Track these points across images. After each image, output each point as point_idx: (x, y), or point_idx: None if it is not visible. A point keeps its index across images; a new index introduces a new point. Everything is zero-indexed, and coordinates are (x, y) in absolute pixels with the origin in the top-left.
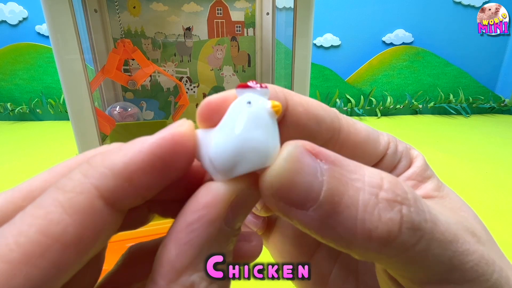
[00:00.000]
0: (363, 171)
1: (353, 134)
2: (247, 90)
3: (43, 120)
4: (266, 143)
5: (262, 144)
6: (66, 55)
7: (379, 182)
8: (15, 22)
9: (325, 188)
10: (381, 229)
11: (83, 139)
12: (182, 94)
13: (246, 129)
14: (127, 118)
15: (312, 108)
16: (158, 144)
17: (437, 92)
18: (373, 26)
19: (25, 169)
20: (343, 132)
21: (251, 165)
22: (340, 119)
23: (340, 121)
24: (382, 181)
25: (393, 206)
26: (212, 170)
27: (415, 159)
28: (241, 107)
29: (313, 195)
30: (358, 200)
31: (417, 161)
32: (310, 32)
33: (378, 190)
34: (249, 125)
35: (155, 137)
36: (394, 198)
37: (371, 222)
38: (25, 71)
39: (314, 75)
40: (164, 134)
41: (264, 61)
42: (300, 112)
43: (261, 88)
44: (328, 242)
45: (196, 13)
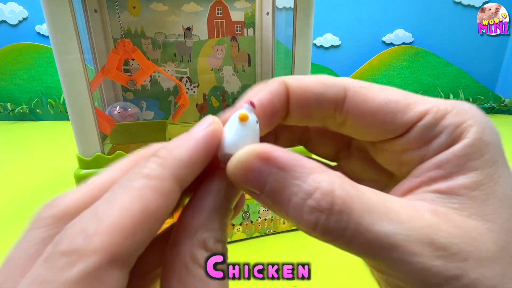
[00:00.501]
0: (307, 177)
1: (362, 103)
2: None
3: (43, 120)
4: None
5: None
6: (66, 55)
7: (311, 191)
8: (15, 22)
9: (267, 186)
10: (302, 224)
11: (83, 139)
12: (182, 94)
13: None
14: (127, 118)
15: (310, 88)
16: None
17: (437, 92)
18: (373, 26)
19: (25, 169)
20: (349, 102)
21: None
22: (348, 89)
23: (347, 92)
24: (316, 190)
25: (313, 212)
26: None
27: (461, 141)
28: (234, 120)
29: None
30: (290, 200)
31: (458, 145)
32: (310, 32)
33: (307, 197)
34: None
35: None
36: (316, 207)
37: (297, 216)
38: (25, 71)
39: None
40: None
41: (264, 61)
42: (299, 94)
43: (248, 105)
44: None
45: (196, 13)
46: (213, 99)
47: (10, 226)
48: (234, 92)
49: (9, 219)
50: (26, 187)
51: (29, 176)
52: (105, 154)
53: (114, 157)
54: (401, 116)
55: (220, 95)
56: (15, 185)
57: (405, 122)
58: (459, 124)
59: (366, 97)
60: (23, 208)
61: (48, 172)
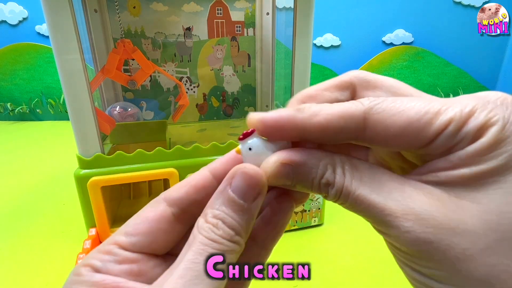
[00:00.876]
0: (318, 164)
1: (384, 131)
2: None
3: (43, 120)
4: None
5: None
6: (66, 55)
7: (323, 173)
8: (15, 22)
9: (294, 179)
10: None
11: (83, 139)
12: (182, 94)
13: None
14: (127, 118)
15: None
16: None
17: (437, 92)
18: (373, 26)
19: (25, 169)
20: (370, 132)
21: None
22: (367, 118)
23: (366, 121)
24: (325, 172)
25: (326, 186)
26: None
27: (477, 141)
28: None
29: (289, 182)
30: (313, 183)
31: (472, 145)
32: (310, 32)
33: (321, 177)
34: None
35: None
36: (326, 182)
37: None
38: (25, 71)
39: (314, 75)
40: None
41: (264, 61)
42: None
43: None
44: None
45: (196, 13)
46: (213, 99)
47: (10, 226)
48: (234, 92)
49: (9, 219)
50: (26, 187)
51: (29, 176)
52: (105, 154)
53: (114, 157)
54: (425, 133)
55: (220, 95)
56: (15, 185)
57: (429, 136)
58: (480, 126)
59: (386, 123)
60: (23, 208)
61: (48, 172)
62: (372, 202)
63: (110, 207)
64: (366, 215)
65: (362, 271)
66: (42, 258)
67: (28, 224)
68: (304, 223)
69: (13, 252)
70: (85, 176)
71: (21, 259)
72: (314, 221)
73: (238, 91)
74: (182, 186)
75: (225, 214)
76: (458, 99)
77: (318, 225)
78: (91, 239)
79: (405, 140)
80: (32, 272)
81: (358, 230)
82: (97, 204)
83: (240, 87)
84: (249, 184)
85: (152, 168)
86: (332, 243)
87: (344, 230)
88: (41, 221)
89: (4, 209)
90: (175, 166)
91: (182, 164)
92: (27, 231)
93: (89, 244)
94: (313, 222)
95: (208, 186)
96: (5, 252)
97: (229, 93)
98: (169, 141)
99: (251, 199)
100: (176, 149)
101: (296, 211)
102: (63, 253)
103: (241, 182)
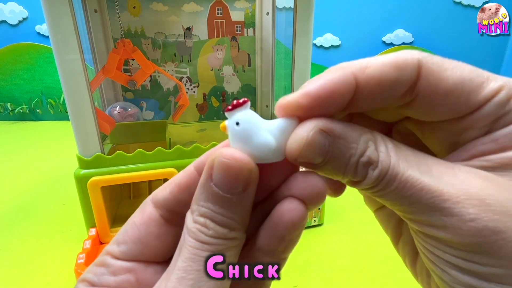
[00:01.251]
0: (359, 139)
1: (435, 85)
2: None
3: (43, 120)
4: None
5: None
6: (66, 55)
7: (364, 150)
8: (15, 22)
9: (329, 154)
10: (357, 177)
11: (83, 139)
12: (182, 94)
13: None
14: (127, 118)
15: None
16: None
17: None
18: (373, 26)
19: (25, 169)
20: (422, 83)
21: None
22: (421, 68)
23: (420, 71)
24: (366, 149)
25: (366, 165)
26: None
27: None
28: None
29: (323, 157)
30: (350, 160)
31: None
32: (310, 32)
33: (361, 155)
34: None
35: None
36: (368, 161)
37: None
38: (25, 71)
39: (314, 75)
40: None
41: (264, 61)
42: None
43: (242, 105)
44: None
45: (196, 13)
46: (213, 99)
47: (10, 226)
48: (234, 92)
49: (9, 219)
50: (26, 187)
51: (29, 176)
52: (105, 154)
53: (114, 157)
54: (476, 95)
55: (220, 95)
56: (15, 185)
57: (479, 100)
58: None
59: (439, 76)
60: (23, 208)
61: (48, 172)
62: (425, 185)
63: (110, 207)
64: (412, 203)
65: (362, 271)
66: (42, 258)
67: (28, 224)
68: None
69: (13, 252)
70: (85, 176)
71: (21, 259)
72: (314, 221)
73: (238, 91)
74: (167, 185)
75: (212, 212)
76: (505, 77)
77: (318, 225)
78: (91, 239)
79: (455, 101)
80: (32, 272)
81: (358, 230)
82: (97, 204)
83: (240, 87)
84: (231, 175)
85: (152, 168)
86: (332, 243)
87: (344, 230)
88: (41, 221)
89: (4, 209)
90: (175, 166)
91: (182, 164)
92: (27, 231)
93: (89, 244)
94: (313, 222)
95: (192, 185)
96: (5, 252)
97: (229, 93)
98: (169, 141)
99: (239, 191)
100: (176, 149)
101: None
102: (63, 253)
103: (221, 174)
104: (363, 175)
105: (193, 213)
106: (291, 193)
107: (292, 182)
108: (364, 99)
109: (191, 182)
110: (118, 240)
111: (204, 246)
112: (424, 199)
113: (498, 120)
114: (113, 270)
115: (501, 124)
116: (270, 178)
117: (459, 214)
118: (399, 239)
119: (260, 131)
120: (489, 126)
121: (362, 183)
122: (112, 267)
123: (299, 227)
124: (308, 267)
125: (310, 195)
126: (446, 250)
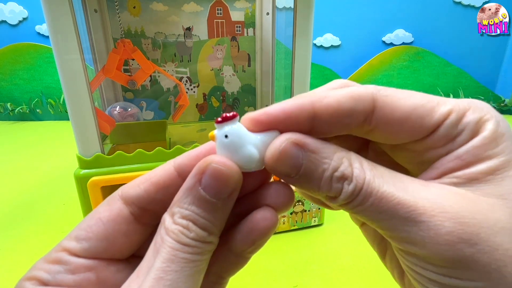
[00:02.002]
0: (333, 155)
1: (390, 113)
2: (223, 124)
3: (43, 120)
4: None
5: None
6: (66, 55)
7: (338, 166)
8: (15, 22)
9: (303, 167)
10: (332, 192)
11: (83, 139)
12: (182, 94)
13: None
14: (127, 118)
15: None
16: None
17: (437, 92)
18: (373, 26)
19: (25, 169)
20: (378, 113)
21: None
22: (376, 100)
23: (375, 103)
24: (340, 165)
25: (341, 180)
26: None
27: (480, 134)
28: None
29: (296, 170)
30: (323, 175)
31: (477, 138)
32: (310, 32)
33: (334, 170)
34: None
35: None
36: (342, 176)
37: (327, 187)
38: (25, 71)
39: (314, 75)
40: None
41: (264, 61)
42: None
43: (231, 120)
44: (306, 191)
45: (196, 13)
46: (213, 99)
47: (10, 226)
48: (234, 92)
49: (9, 219)
50: (26, 187)
51: (29, 176)
52: (105, 154)
53: (114, 157)
54: (429, 119)
55: (220, 95)
56: (15, 185)
57: (433, 123)
58: (478, 120)
59: (393, 105)
60: (23, 208)
61: (48, 172)
62: (401, 200)
63: None
64: (389, 218)
65: (362, 271)
66: None
67: (28, 224)
68: (304, 223)
69: (13, 252)
70: (85, 176)
71: (21, 259)
72: (314, 221)
73: (238, 91)
74: (141, 182)
75: (196, 215)
76: (453, 99)
77: (318, 225)
78: None
79: (410, 126)
80: None
81: (358, 230)
82: (97, 204)
83: (240, 87)
84: (221, 181)
85: (152, 168)
86: (332, 243)
87: (344, 230)
88: (41, 221)
89: (4, 209)
90: None
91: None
92: (27, 231)
93: None
94: (313, 222)
95: (171, 185)
96: (5, 252)
97: (229, 93)
98: (169, 141)
99: (224, 197)
100: (176, 149)
101: (296, 211)
102: None
103: (212, 180)
104: (338, 190)
105: (175, 215)
106: (266, 202)
107: (267, 191)
108: (323, 124)
109: (170, 182)
110: (79, 236)
111: (184, 248)
112: (400, 214)
113: (456, 138)
114: (71, 268)
115: (459, 142)
116: (245, 184)
117: (435, 228)
118: (385, 254)
119: (246, 144)
120: (450, 145)
121: (339, 198)
122: (71, 265)
123: (271, 233)
124: (308, 267)
125: (282, 203)
126: (426, 267)
